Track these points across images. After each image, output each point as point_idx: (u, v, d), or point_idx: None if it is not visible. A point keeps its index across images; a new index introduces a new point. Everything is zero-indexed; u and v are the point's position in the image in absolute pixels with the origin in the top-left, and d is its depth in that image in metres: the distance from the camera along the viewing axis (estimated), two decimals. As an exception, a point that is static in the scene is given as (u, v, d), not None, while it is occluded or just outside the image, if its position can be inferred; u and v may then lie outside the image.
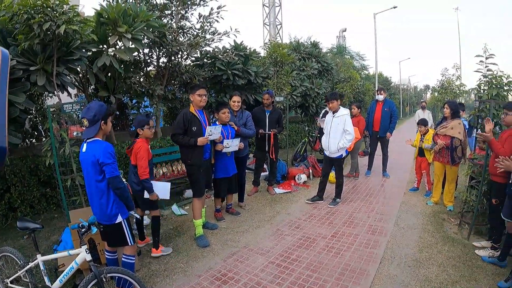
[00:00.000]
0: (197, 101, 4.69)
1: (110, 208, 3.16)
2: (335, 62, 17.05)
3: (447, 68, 16.08)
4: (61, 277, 3.04)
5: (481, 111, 5.20)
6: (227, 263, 4.19)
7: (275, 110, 6.91)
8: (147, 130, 4.17)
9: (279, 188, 7.47)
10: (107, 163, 3.02)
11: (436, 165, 6.26)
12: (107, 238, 3.43)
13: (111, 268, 3.05)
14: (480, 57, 5.21)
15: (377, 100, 8.61)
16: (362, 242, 4.77)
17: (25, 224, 3.15)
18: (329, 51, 27.61)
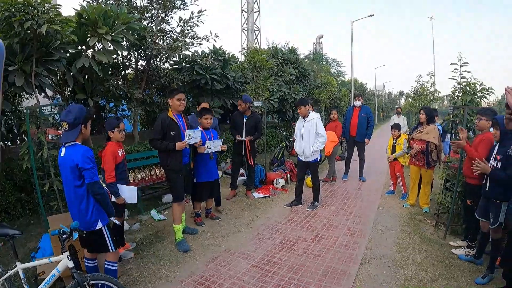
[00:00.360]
0: (176, 105, 4.70)
1: (90, 214, 3.07)
2: (312, 68, 17.28)
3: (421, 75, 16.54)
4: (42, 285, 2.91)
5: (456, 117, 5.40)
6: (209, 267, 4.17)
7: (253, 116, 6.96)
8: (117, 133, 4.12)
9: (257, 192, 7.50)
10: (86, 168, 2.94)
11: (412, 169, 6.44)
12: (87, 245, 3.34)
13: (95, 275, 2.99)
14: (455, 65, 5.41)
15: (354, 106, 8.79)
16: (341, 244, 4.84)
17: (4, 231, 3.01)
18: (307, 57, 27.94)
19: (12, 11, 4.35)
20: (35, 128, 4.73)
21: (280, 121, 14.55)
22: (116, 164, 4.05)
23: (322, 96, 15.58)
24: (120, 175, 4.10)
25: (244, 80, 10.19)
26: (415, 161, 6.24)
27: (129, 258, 4.42)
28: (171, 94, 4.72)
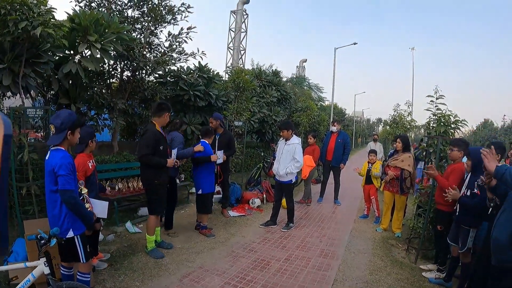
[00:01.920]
0: (165, 122, 4.85)
1: (62, 221, 3.01)
2: (293, 92, 17.56)
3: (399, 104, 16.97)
4: None
5: (430, 146, 5.64)
6: (183, 283, 4.17)
7: (225, 133, 7.06)
8: (93, 143, 4.04)
9: (233, 211, 7.53)
10: (60, 174, 2.88)
11: (386, 194, 6.65)
12: (61, 253, 3.27)
13: (70, 283, 2.95)
14: (431, 97, 5.68)
15: (332, 131, 9.00)
16: (315, 265, 4.93)
17: None
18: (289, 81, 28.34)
19: (8, 9, 4.35)
20: (17, 130, 4.68)
21: (259, 141, 14.67)
22: (87, 177, 3.88)
23: (302, 120, 15.82)
24: (90, 187, 3.86)
25: (227, 99, 10.30)
26: (390, 187, 6.46)
27: (102, 269, 4.37)
28: (164, 111, 4.81)
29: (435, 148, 5.29)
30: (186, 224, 6.46)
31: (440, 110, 5.68)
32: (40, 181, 4.94)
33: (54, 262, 3.53)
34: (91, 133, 4.05)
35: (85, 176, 3.84)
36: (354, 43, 24.50)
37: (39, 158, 4.93)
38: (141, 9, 7.83)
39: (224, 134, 6.99)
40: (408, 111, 14.63)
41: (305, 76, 39.05)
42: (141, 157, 4.65)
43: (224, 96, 10.21)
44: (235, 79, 10.05)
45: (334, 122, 9.21)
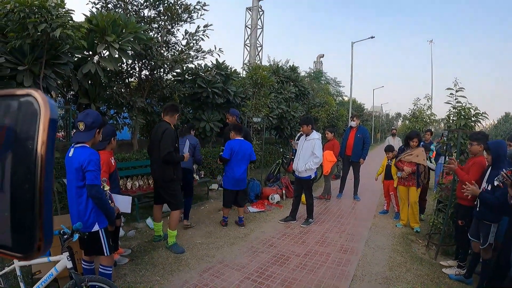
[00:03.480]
0: (175, 120, 5.10)
1: (88, 215, 3.12)
2: (311, 87, 17.48)
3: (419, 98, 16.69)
4: (38, 284, 2.92)
5: (450, 140, 5.54)
6: (203, 277, 4.22)
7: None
8: (114, 141, 4.10)
9: (252, 207, 7.56)
10: (89, 169, 2.99)
11: (400, 189, 6.60)
12: (84, 247, 3.37)
13: (93, 276, 3.03)
14: (451, 90, 5.56)
15: (351, 126, 8.93)
16: (334, 260, 4.91)
17: None
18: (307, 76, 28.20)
19: (27, 12, 4.45)
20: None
21: (277, 137, 14.67)
22: (110, 174, 3.97)
23: (320, 115, 15.75)
24: (113, 183, 4.01)
25: (245, 95, 10.33)
26: (404, 181, 6.41)
27: (123, 264, 4.46)
28: (176, 111, 5.05)
29: (455, 141, 5.19)
30: (206, 220, 6.53)
31: (460, 103, 5.57)
32: (62, 179, 5.05)
33: (76, 257, 3.65)
34: (113, 131, 4.13)
35: (108, 173, 3.93)
36: (372, 37, 24.22)
37: (61, 156, 5.05)
38: (157, 8, 7.92)
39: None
40: (427, 105, 14.38)
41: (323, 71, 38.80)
42: (166, 155, 4.75)
43: (242, 92, 10.24)
44: (252, 75, 10.06)
45: (353, 117, 9.15)
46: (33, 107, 0.27)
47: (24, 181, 0.27)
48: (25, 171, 0.27)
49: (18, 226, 0.27)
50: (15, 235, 0.27)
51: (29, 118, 0.27)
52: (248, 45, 26.97)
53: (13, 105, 0.29)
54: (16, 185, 0.27)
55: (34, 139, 0.27)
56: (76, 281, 2.78)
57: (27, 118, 0.27)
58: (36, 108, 0.27)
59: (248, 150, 6.19)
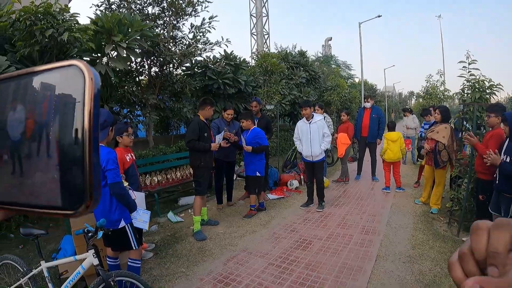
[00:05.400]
0: (208, 114, 5.36)
1: (113, 213, 3.21)
2: (322, 71, 17.34)
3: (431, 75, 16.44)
4: (66, 283, 3.00)
5: (466, 114, 5.44)
6: (228, 266, 4.28)
7: (263, 117, 7.16)
8: (126, 138, 4.01)
9: (272, 194, 7.59)
10: (109, 169, 3.06)
11: (426, 168, 6.52)
12: (111, 244, 3.47)
13: (120, 272, 3.09)
14: (463, 63, 5.46)
15: (365, 107, 8.85)
16: (356, 241, 4.92)
17: (29, 231, 3.14)
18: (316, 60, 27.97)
19: (33, 20, 4.50)
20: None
21: (291, 124, 14.62)
22: (125, 170, 3.98)
23: (333, 98, 15.64)
24: (130, 179, 4.01)
25: (256, 84, 10.30)
26: (428, 160, 6.28)
27: (148, 258, 4.54)
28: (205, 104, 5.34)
29: (472, 115, 5.10)
30: (226, 210, 6.60)
31: (473, 76, 5.46)
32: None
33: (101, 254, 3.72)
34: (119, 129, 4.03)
35: (123, 169, 3.95)
36: (378, 16, 23.78)
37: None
38: (161, 5, 7.91)
39: (262, 118, 7.13)
40: (440, 80, 14.15)
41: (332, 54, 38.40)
42: (187, 143, 5.26)
43: (253, 81, 10.21)
44: (262, 63, 10.02)
45: (367, 97, 9.05)
46: (78, 76, 0.29)
47: (73, 144, 0.29)
48: (73, 136, 0.29)
49: (68, 187, 0.29)
50: (65, 195, 0.29)
51: (75, 87, 0.29)
52: (255, 34, 26.79)
53: (58, 75, 0.30)
54: (65, 149, 0.29)
55: (81, 106, 0.29)
56: (103, 277, 2.83)
57: (73, 87, 0.29)
58: (81, 77, 0.29)
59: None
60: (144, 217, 3.83)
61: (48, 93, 0.30)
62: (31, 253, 4.64)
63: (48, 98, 0.30)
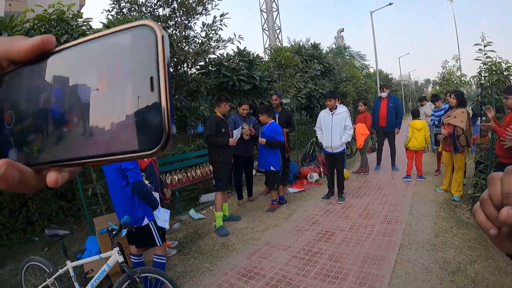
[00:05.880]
0: (225, 110, 5.41)
1: (136, 211, 3.26)
2: (336, 63, 17.23)
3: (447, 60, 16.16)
4: (92, 282, 3.06)
5: (484, 97, 5.35)
6: (251, 260, 4.32)
7: (284, 111, 7.14)
8: None
9: (292, 187, 7.62)
10: (129, 168, 3.13)
11: (444, 154, 6.44)
12: (135, 241, 3.52)
13: (145, 268, 3.14)
14: (479, 45, 5.38)
15: (381, 97, 8.75)
16: (379, 231, 4.91)
17: (54, 231, 3.18)
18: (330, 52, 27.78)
19: (47, 27, 4.60)
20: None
21: (308, 117, 14.59)
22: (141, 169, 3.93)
23: (348, 90, 15.53)
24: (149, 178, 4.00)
25: (271, 78, 10.30)
26: (446, 146, 6.21)
27: (172, 255, 4.61)
28: (221, 101, 5.38)
29: (490, 98, 5.02)
30: (248, 206, 6.65)
31: (490, 58, 5.36)
32: (103, 181, 5.25)
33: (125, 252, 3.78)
34: None
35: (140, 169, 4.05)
36: (390, 4, 23.45)
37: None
38: (171, 5, 7.98)
39: (282, 112, 7.14)
40: (456, 66, 13.90)
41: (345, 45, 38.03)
42: (205, 139, 5.34)
43: (268, 76, 10.21)
44: (276, 57, 10.01)
45: (382, 87, 8.94)
46: (151, 33, 0.33)
47: (149, 92, 0.32)
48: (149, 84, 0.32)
49: (146, 131, 0.32)
50: (143, 139, 0.32)
51: (148, 43, 0.33)
52: (266, 30, 26.70)
53: (130, 34, 0.34)
54: (142, 97, 0.32)
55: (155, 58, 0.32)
56: (129, 274, 2.86)
57: (146, 43, 0.33)
58: (153, 34, 0.33)
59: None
60: (165, 216, 3.90)
61: (123, 49, 0.33)
62: (56, 255, 4.77)
63: (123, 53, 0.33)
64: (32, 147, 0.38)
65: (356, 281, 3.62)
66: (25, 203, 5.49)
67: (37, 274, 3.47)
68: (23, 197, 5.43)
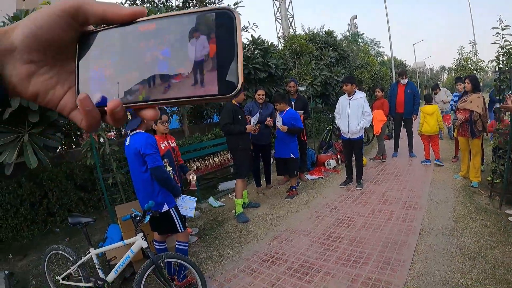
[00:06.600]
0: (240, 98, 5.49)
1: (156, 197, 3.27)
2: (351, 50, 17.07)
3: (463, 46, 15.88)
4: (116, 268, 3.12)
5: (502, 82, 5.27)
6: (272, 246, 4.38)
7: (299, 98, 7.16)
8: (160, 125, 4.07)
9: (310, 174, 7.66)
10: (148, 153, 3.12)
11: (460, 140, 6.36)
12: (157, 228, 3.56)
13: (169, 253, 3.17)
14: (496, 29, 5.29)
15: (400, 82, 8.62)
16: (399, 217, 4.92)
17: (77, 219, 3.22)
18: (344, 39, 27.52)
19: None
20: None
21: (323, 105, 14.53)
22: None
23: (364, 76, 15.41)
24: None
25: (286, 66, 10.27)
26: (462, 132, 6.13)
27: (193, 242, 4.69)
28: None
29: (509, 82, 4.95)
30: (266, 192, 6.71)
31: (508, 42, 5.28)
32: (123, 170, 5.35)
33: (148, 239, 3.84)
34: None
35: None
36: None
37: (119, 149, 5.34)
38: (184, -4, 7.99)
39: (298, 99, 7.16)
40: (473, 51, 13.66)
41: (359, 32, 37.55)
42: (223, 127, 5.36)
43: (283, 64, 10.18)
44: (291, 44, 9.97)
45: (402, 74, 8.80)
46: (231, 16, 0.42)
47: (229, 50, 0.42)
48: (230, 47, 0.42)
49: (224, 79, 0.41)
50: (222, 85, 0.41)
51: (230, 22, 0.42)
52: (279, 18, 26.52)
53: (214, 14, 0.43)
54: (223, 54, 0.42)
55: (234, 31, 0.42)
56: (153, 259, 2.90)
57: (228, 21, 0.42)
58: (232, 16, 0.42)
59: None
60: (190, 204, 3.96)
61: (212, 23, 0.43)
62: (77, 245, 4.90)
63: (212, 26, 0.43)
64: (126, 91, 0.47)
65: (378, 265, 3.65)
66: (45, 195, 5.59)
67: (60, 263, 3.53)
68: (43, 189, 5.54)
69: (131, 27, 0.47)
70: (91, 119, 0.46)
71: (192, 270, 3.19)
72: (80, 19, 0.46)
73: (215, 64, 0.42)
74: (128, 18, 0.47)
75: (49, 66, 0.47)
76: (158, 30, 0.46)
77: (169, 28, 0.45)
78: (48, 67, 0.47)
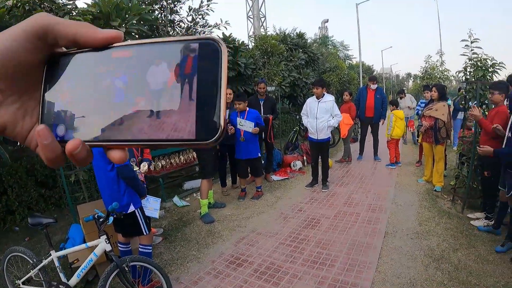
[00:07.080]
0: None
1: (122, 197, 3.14)
2: (320, 52, 17.25)
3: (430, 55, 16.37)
4: (78, 272, 2.96)
5: (468, 92, 5.46)
6: (238, 247, 4.31)
7: (268, 99, 7.13)
8: None
9: (276, 175, 7.63)
10: None
11: (425, 146, 6.59)
12: (122, 229, 3.41)
13: (133, 257, 3.04)
14: (466, 41, 5.47)
15: (370, 87, 8.72)
16: (364, 219, 4.97)
17: (37, 220, 3.05)
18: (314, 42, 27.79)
19: (32, 5, 4.43)
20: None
21: (291, 106, 14.59)
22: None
23: (332, 80, 15.59)
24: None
25: (255, 66, 10.20)
26: (426, 138, 6.34)
27: (158, 243, 4.55)
28: None
29: (475, 93, 5.12)
30: (233, 193, 6.63)
31: (476, 54, 5.46)
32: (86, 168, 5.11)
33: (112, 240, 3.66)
34: None
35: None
36: (377, -5, 23.51)
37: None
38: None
39: (267, 99, 7.13)
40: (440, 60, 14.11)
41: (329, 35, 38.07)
42: None
43: (253, 63, 10.12)
44: (262, 44, 9.93)
45: (373, 80, 8.92)
46: (216, 48, 0.37)
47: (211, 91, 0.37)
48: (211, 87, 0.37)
49: (204, 124, 0.36)
50: (200, 130, 0.36)
51: (214, 56, 0.37)
52: (251, 17, 26.49)
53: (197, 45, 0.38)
54: (203, 95, 0.37)
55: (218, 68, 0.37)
56: (117, 263, 2.77)
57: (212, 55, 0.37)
58: (218, 49, 0.37)
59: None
60: (155, 205, 3.82)
61: (192, 55, 0.37)
62: (38, 245, 4.65)
63: (192, 58, 0.37)
64: (93, 127, 0.40)
65: (344, 267, 3.66)
66: (4, 191, 5.29)
67: (19, 265, 3.34)
68: (2, 185, 5.24)
69: (104, 53, 0.41)
70: (50, 153, 0.40)
71: (158, 273, 3.07)
72: (49, 41, 0.40)
73: (195, 105, 0.37)
74: (102, 43, 0.41)
75: (17, 95, 0.41)
76: (133, 59, 0.40)
77: (145, 57, 0.39)
78: (16, 96, 0.41)
